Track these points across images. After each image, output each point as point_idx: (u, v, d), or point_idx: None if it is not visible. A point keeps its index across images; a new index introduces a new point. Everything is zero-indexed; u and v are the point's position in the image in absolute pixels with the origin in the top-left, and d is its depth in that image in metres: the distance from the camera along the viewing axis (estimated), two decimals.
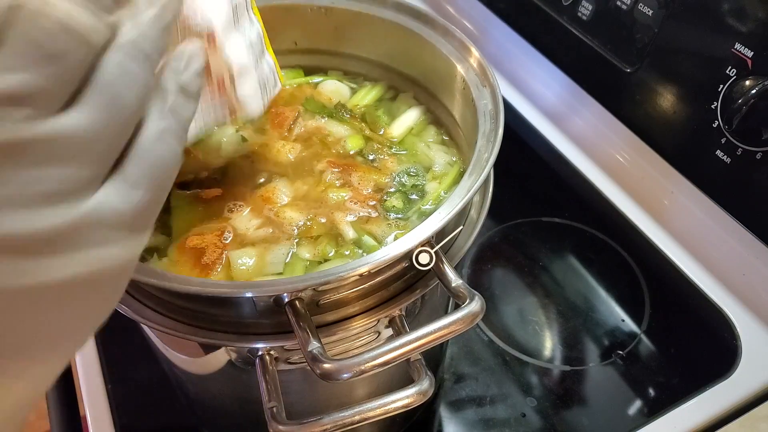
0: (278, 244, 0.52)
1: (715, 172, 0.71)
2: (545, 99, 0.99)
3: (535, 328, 0.75)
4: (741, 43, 0.65)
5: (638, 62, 0.78)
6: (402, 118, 0.64)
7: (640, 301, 0.76)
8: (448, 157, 0.61)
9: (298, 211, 0.55)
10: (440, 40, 0.59)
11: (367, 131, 0.63)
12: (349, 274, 0.40)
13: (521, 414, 0.67)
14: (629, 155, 0.86)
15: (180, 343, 0.51)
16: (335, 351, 0.47)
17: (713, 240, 0.76)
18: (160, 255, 0.52)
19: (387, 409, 0.40)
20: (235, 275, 0.50)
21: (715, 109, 0.68)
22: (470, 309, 0.40)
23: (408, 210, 0.56)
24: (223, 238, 0.52)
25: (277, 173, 0.59)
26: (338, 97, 0.67)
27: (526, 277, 0.80)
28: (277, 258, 0.51)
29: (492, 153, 0.47)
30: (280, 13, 0.65)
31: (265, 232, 0.53)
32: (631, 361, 0.71)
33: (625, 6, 0.78)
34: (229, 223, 0.54)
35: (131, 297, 0.47)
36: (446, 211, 0.43)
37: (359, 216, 0.54)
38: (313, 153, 0.61)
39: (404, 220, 0.55)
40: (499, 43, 1.05)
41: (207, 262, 0.50)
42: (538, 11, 0.92)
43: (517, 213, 0.87)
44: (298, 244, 0.52)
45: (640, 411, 0.67)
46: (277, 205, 0.55)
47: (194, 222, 0.55)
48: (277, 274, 0.51)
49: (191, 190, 0.57)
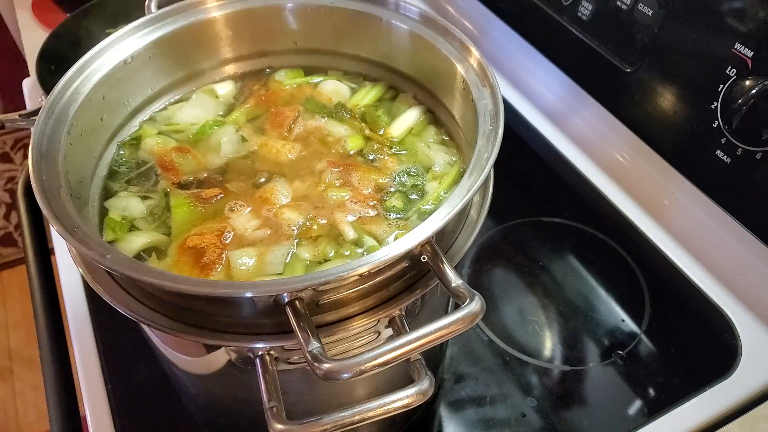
0: (278, 245, 0.52)
1: (715, 172, 0.71)
2: (545, 99, 0.99)
3: (535, 328, 0.75)
4: (741, 43, 0.65)
5: (638, 62, 0.78)
6: (402, 118, 0.64)
7: (640, 301, 0.76)
8: (448, 157, 0.61)
9: (298, 211, 0.55)
10: (440, 40, 0.59)
11: (367, 131, 0.63)
12: (349, 274, 0.40)
13: (521, 414, 0.67)
14: (629, 155, 0.86)
15: (180, 343, 0.51)
16: (335, 351, 0.47)
17: (713, 240, 0.76)
18: (160, 255, 0.52)
19: (387, 409, 0.40)
20: (235, 275, 0.50)
21: (715, 109, 0.68)
22: (470, 309, 0.40)
23: (408, 210, 0.56)
24: (223, 238, 0.52)
25: (277, 173, 0.59)
26: (338, 97, 0.67)
27: (526, 277, 0.80)
28: (277, 258, 0.51)
29: (492, 153, 0.47)
30: (280, 13, 0.65)
31: (263, 233, 0.53)
32: (631, 361, 0.71)
33: (625, 6, 0.78)
34: (229, 223, 0.54)
35: (131, 297, 0.47)
36: (446, 211, 0.43)
37: (359, 216, 0.54)
38: (313, 153, 0.61)
39: (404, 220, 0.55)
40: (499, 43, 1.05)
41: (207, 262, 0.50)
42: (539, 11, 0.92)
43: (517, 213, 0.87)
44: (298, 244, 0.52)
45: (640, 411, 0.67)
46: (276, 205, 0.55)
47: (194, 222, 0.55)
48: (277, 274, 0.51)
49: (191, 190, 0.57)
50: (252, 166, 0.60)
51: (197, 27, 0.64)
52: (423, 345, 0.39)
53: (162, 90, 0.65)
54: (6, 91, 1.95)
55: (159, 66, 0.63)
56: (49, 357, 0.69)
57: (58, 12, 1.23)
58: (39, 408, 1.89)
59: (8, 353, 2.02)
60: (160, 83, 0.65)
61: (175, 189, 0.58)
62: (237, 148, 0.62)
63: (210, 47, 0.66)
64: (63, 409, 0.66)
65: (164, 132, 0.64)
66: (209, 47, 0.66)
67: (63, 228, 0.43)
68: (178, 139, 0.63)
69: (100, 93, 0.57)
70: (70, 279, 0.79)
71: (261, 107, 0.66)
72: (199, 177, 0.59)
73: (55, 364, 0.69)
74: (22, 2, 1.26)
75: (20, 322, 2.10)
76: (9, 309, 2.14)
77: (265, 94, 0.67)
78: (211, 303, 0.44)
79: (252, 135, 0.63)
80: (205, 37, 0.65)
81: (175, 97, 0.67)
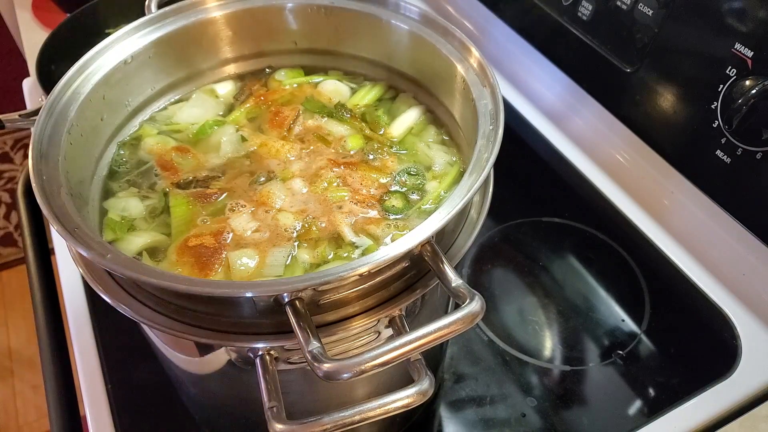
0: (278, 246, 0.52)
1: (715, 172, 0.71)
2: (545, 99, 0.99)
3: (535, 328, 0.75)
4: (741, 43, 0.65)
5: (638, 62, 0.78)
6: (402, 117, 0.64)
7: (640, 301, 0.76)
8: (448, 157, 0.61)
9: (298, 211, 0.55)
10: (440, 40, 0.59)
11: (367, 131, 0.63)
12: (349, 274, 0.40)
13: (521, 414, 0.67)
14: (629, 155, 0.86)
15: (180, 343, 0.51)
16: (335, 351, 0.47)
17: (713, 240, 0.76)
18: (160, 255, 0.52)
19: (387, 409, 0.40)
20: (235, 276, 0.50)
21: (715, 109, 0.68)
22: (470, 309, 0.40)
23: (408, 210, 0.56)
24: (223, 238, 0.52)
25: (276, 173, 0.59)
26: (338, 96, 0.67)
27: (526, 277, 0.80)
28: (277, 260, 0.51)
29: (492, 153, 0.47)
30: (280, 13, 0.65)
31: (261, 235, 0.53)
32: (631, 361, 0.71)
33: (625, 6, 0.78)
34: (229, 223, 0.54)
35: (131, 297, 0.47)
36: (446, 211, 0.43)
37: (359, 216, 0.54)
38: (313, 152, 0.61)
39: (404, 220, 0.55)
40: (500, 43, 1.05)
41: (206, 263, 0.50)
42: (539, 11, 0.92)
43: (517, 213, 0.87)
44: (298, 246, 0.52)
45: (640, 411, 0.67)
46: (275, 206, 0.55)
47: (194, 222, 0.55)
48: (277, 276, 0.50)
49: (191, 190, 0.57)
50: (252, 166, 0.60)
51: (197, 27, 0.64)
52: (423, 345, 0.39)
53: (162, 90, 0.65)
54: (6, 91, 1.95)
55: (159, 66, 0.63)
56: (49, 357, 0.69)
57: (58, 12, 1.23)
58: (39, 408, 1.89)
59: (8, 353, 2.02)
60: (160, 83, 0.65)
61: (174, 189, 0.58)
62: (237, 148, 0.62)
63: (210, 47, 0.66)
64: (63, 409, 0.66)
65: (164, 132, 0.64)
66: (209, 47, 0.66)
67: (63, 228, 0.43)
68: (178, 139, 0.63)
69: (100, 93, 0.57)
70: (70, 279, 0.79)
71: (261, 107, 0.66)
72: (199, 177, 0.59)
73: (55, 364, 0.69)
74: (22, 2, 1.26)
75: (20, 322, 2.10)
76: (9, 309, 2.14)
77: (265, 93, 0.67)
78: (211, 303, 0.44)
79: (252, 135, 0.63)
80: (205, 36, 0.65)
81: (175, 97, 0.67)
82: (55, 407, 0.66)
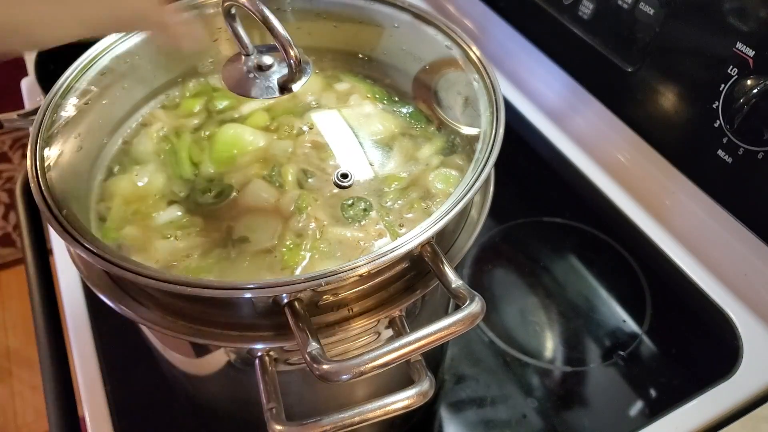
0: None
1: (716, 171, 0.70)
2: (546, 98, 0.98)
3: (536, 328, 0.74)
4: (742, 43, 0.65)
5: (639, 61, 0.78)
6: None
7: (641, 301, 0.76)
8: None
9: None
10: (440, 39, 0.59)
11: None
12: (349, 274, 0.40)
13: (522, 415, 0.67)
14: (630, 155, 0.86)
15: (179, 343, 0.51)
16: (335, 352, 0.46)
17: (715, 240, 0.76)
18: None
19: (387, 410, 0.40)
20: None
21: (717, 109, 0.68)
22: (470, 310, 0.39)
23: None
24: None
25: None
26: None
27: (527, 278, 0.79)
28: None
29: (492, 153, 0.47)
30: (280, 14, 0.65)
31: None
32: (632, 361, 0.71)
33: (626, 5, 0.78)
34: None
35: (130, 297, 0.46)
36: (446, 211, 0.43)
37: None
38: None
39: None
40: (500, 42, 1.05)
41: None
42: (539, 10, 0.92)
43: (518, 213, 0.87)
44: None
45: (641, 412, 0.67)
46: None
47: None
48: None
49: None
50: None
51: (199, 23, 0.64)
52: (423, 346, 0.39)
53: (162, 88, 0.65)
54: (4, 91, 1.95)
55: (159, 64, 0.63)
56: (47, 357, 0.69)
57: None
58: (38, 408, 1.89)
59: (7, 354, 2.02)
60: (160, 81, 0.65)
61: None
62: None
63: (210, 45, 0.66)
64: (62, 409, 0.66)
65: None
66: (209, 45, 0.66)
67: (61, 228, 0.43)
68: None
69: (99, 92, 0.57)
70: (69, 279, 0.78)
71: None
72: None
73: (54, 364, 0.69)
74: None
75: (19, 322, 2.09)
76: (7, 309, 2.13)
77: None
78: (210, 304, 0.44)
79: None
80: (205, 35, 0.65)
81: (175, 95, 0.66)
82: (53, 408, 0.66)
